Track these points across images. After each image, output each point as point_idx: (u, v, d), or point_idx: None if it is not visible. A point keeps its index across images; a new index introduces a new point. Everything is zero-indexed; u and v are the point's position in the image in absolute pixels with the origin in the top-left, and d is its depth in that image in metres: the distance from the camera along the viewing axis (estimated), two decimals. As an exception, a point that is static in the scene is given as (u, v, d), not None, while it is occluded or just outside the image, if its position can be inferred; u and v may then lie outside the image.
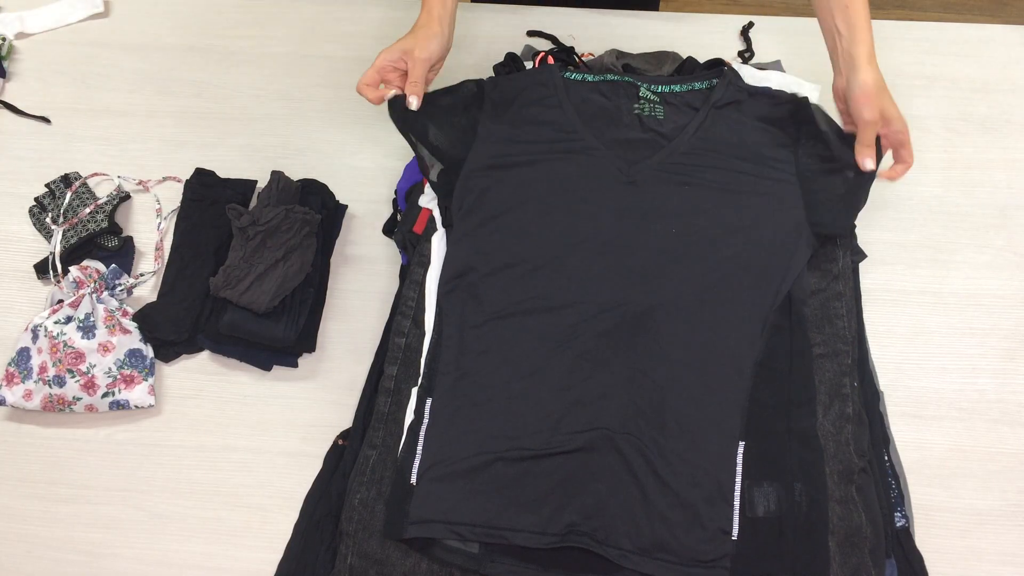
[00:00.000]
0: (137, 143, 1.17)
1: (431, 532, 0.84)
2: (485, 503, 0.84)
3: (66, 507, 0.94)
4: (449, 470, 0.86)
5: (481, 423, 0.88)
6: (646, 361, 0.89)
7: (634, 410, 0.87)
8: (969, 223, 1.07)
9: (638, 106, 1.02)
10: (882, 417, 0.94)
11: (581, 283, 0.93)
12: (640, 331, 0.90)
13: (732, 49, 1.21)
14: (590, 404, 0.87)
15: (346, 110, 1.18)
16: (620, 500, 0.84)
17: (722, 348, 0.90)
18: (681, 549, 0.81)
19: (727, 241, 0.93)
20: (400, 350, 0.95)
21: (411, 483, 0.86)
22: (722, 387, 0.88)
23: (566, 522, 0.83)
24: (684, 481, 0.84)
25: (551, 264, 0.94)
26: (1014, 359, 0.99)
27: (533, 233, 0.95)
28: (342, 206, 1.10)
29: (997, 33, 1.22)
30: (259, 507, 0.93)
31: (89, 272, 1.00)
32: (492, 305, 0.93)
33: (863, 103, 0.93)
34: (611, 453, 0.85)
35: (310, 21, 1.27)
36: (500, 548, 0.84)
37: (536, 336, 0.91)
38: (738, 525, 0.83)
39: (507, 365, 0.90)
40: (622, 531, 0.82)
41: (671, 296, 0.91)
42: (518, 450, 0.86)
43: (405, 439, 0.90)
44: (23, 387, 0.97)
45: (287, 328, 0.98)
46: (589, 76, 1.04)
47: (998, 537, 0.89)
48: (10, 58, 1.24)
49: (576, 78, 1.04)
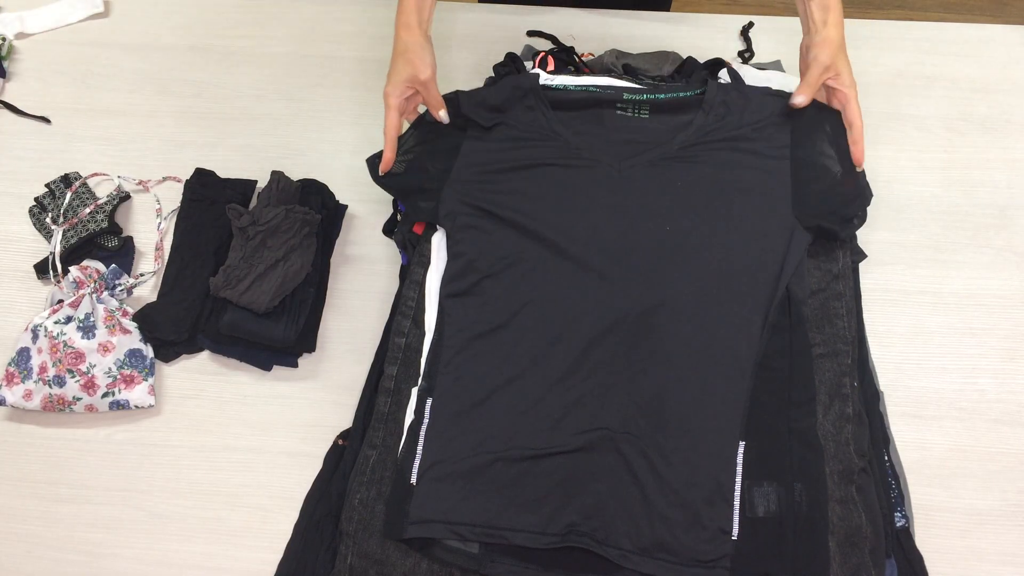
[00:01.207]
0: (137, 143, 1.17)
1: (431, 532, 0.84)
2: (485, 503, 0.84)
3: (66, 507, 0.94)
4: (449, 470, 0.86)
5: (481, 423, 0.88)
6: (646, 361, 0.89)
7: (634, 410, 0.87)
8: (969, 223, 1.07)
9: (621, 109, 1.02)
10: (882, 417, 0.94)
11: (580, 284, 0.93)
12: (640, 331, 0.90)
13: (732, 49, 1.21)
14: (590, 404, 0.87)
15: (346, 110, 1.18)
16: (620, 500, 0.84)
17: (722, 347, 0.90)
18: (681, 549, 0.81)
19: (720, 240, 0.94)
20: (400, 350, 0.95)
21: (411, 483, 0.86)
22: (722, 386, 0.88)
23: (566, 522, 0.83)
24: (684, 481, 0.84)
25: (550, 265, 0.94)
26: (1014, 359, 0.99)
27: (530, 234, 0.95)
28: (342, 206, 1.10)
29: (997, 33, 1.22)
30: (259, 507, 0.93)
31: (89, 272, 1.00)
32: (492, 306, 0.93)
33: (821, 48, 0.96)
34: (611, 453, 0.85)
35: (310, 21, 1.27)
36: (500, 548, 0.84)
37: (536, 337, 0.91)
38: (738, 525, 0.83)
39: (507, 365, 0.90)
40: (622, 531, 0.82)
41: (670, 296, 0.91)
42: (518, 450, 0.86)
43: (405, 439, 0.90)
44: (23, 387, 0.97)
45: (287, 328, 0.98)
46: (570, 84, 1.04)
47: (998, 537, 0.89)
48: (10, 58, 1.24)
49: (557, 86, 1.04)
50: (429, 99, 1.00)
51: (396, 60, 0.98)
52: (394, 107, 0.98)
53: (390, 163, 1.00)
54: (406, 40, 0.98)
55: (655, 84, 1.05)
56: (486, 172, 0.99)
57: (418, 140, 1.02)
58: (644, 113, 1.01)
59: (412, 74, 0.98)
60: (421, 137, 1.02)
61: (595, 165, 0.98)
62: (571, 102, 1.02)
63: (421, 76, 0.98)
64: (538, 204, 0.97)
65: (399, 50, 0.98)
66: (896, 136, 1.13)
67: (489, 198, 0.98)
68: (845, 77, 0.97)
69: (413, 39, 0.98)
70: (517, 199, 0.97)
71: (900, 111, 1.15)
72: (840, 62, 0.97)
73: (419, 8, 0.98)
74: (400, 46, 0.98)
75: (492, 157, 1.00)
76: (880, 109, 1.15)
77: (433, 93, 1.00)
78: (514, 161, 0.99)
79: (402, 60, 0.98)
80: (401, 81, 0.98)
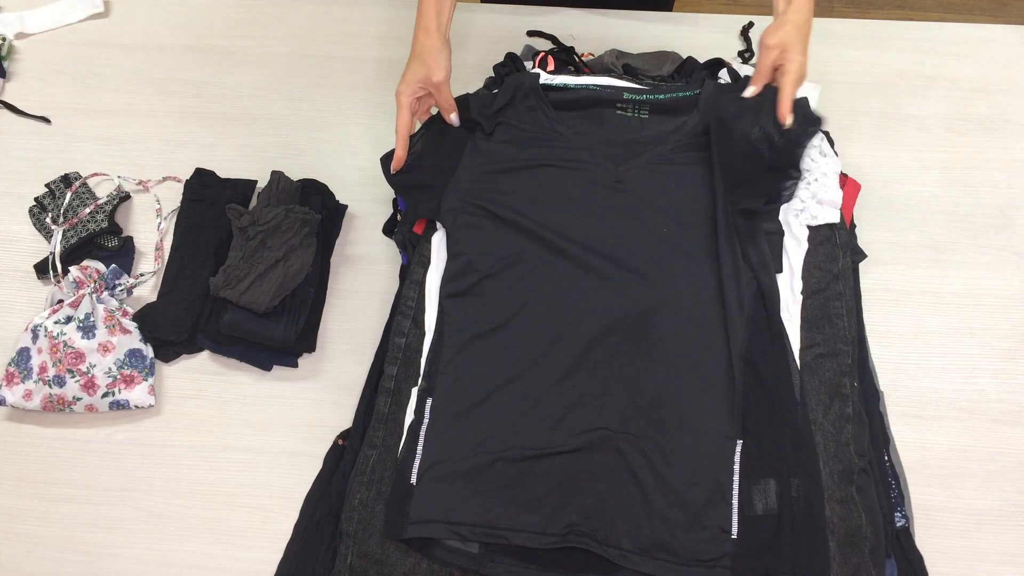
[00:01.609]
0: (137, 143, 1.17)
1: (431, 532, 0.84)
2: (485, 503, 0.84)
3: (66, 507, 0.94)
4: (449, 470, 0.86)
5: (481, 423, 0.88)
6: (646, 361, 0.89)
7: (634, 410, 0.87)
8: (969, 223, 1.07)
9: (621, 109, 1.02)
10: (882, 417, 0.94)
11: (580, 284, 0.93)
12: (639, 331, 0.90)
13: (732, 49, 1.21)
14: (590, 404, 0.87)
15: (346, 110, 1.18)
16: (620, 500, 0.84)
17: (720, 347, 0.90)
18: (681, 549, 0.81)
19: (713, 240, 0.94)
20: (400, 350, 0.95)
21: (411, 483, 0.86)
22: (721, 386, 0.88)
23: (566, 522, 0.83)
24: (684, 480, 0.84)
25: (550, 265, 0.94)
26: (1014, 359, 0.99)
27: (530, 234, 0.95)
28: (342, 206, 1.10)
29: (997, 33, 1.22)
30: (259, 507, 0.93)
31: (89, 272, 1.00)
32: (492, 306, 0.93)
33: (771, 31, 0.93)
34: (611, 453, 0.85)
35: (310, 21, 1.27)
36: (500, 548, 0.84)
37: (536, 337, 0.91)
38: (737, 524, 0.83)
39: (507, 365, 0.90)
40: (622, 531, 0.82)
41: (669, 296, 0.91)
42: (518, 450, 0.86)
43: (405, 439, 0.90)
44: (23, 387, 0.97)
45: (287, 328, 0.98)
46: (570, 83, 1.04)
47: (998, 537, 0.89)
48: (10, 58, 1.24)
49: (558, 84, 1.04)
50: (441, 101, 1.00)
51: (412, 61, 0.99)
52: (406, 106, 0.99)
53: (401, 161, 1.00)
54: (423, 42, 0.99)
55: (655, 84, 1.05)
56: (488, 172, 1.00)
57: (428, 140, 1.03)
58: (644, 113, 1.01)
59: (425, 75, 0.98)
60: (431, 137, 1.03)
61: (595, 168, 0.99)
62: (572, 102, 1.02)
63: (434, 78, 0.98)
64: (538, 205, 0.97)
65: (415, 51, 0.99)
66: (896, 136, 1.13)
67: (490, 197, 0.98)
68: (793, 52, 0.92)
69: (430, 42, 0.98)
70: (518, 199, 0.97)
71: (900, 111, 1.15)
72: (790, 40, 0.92)
73: (438, 12, 0.99)
74: (417, 48, 0.99)
75: (495, 157, 1.01)
76: (880, 109, 1.15)
77: (445, 95, 1.00)
78: (515, 161, 1.00)
79: (417, 61, 0.99)
80: (414, 81, 0.99)
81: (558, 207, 0.97)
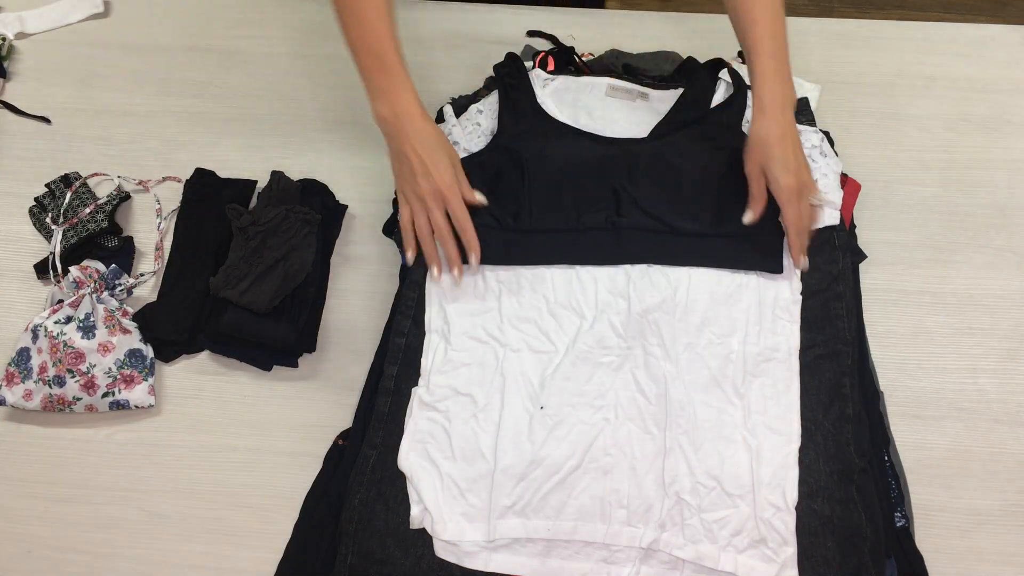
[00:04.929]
0: (137, 143, 1.17)
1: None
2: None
3: (66, 507, 0.94)
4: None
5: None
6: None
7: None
8: (969, 223, 1.07)
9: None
10: (882, 417, 0.94)
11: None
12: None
13: (732, 49, 1.21)
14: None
15: (346, 110, 1.18)
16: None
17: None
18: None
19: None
20: (400, 350, 0.95)
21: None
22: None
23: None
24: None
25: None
26: (1014, 359, 0.98)
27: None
28: (342, 206, 1.10)
29: (997, 33, 1.22)
30: (259, 507, 0.93)
31: (89, 272, 1.00)
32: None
33: (748, 154, 0.90)
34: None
35: (310, 21, 1.27)
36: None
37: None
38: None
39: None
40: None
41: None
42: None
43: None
44: (23, 387, 0.97)
45: (287, 328, 0.98)
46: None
47: (998, 537, 0.89)
48: (10, 58, 1.24)
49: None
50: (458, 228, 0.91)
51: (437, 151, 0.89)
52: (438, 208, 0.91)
53: (412, 262, 0.95)
54: (426, 131, 0.89)
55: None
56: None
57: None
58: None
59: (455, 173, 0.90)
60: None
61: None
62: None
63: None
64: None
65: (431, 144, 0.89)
66: (896, 136, 1.13)
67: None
68: (780, 181, 0.86)
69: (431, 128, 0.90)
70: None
71: (900, 111, 1.15)
72: (768, 157, 0.86)
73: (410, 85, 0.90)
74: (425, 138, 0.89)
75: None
76: (880, 109, 1.15)
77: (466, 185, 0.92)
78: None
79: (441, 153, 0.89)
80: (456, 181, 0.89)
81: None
